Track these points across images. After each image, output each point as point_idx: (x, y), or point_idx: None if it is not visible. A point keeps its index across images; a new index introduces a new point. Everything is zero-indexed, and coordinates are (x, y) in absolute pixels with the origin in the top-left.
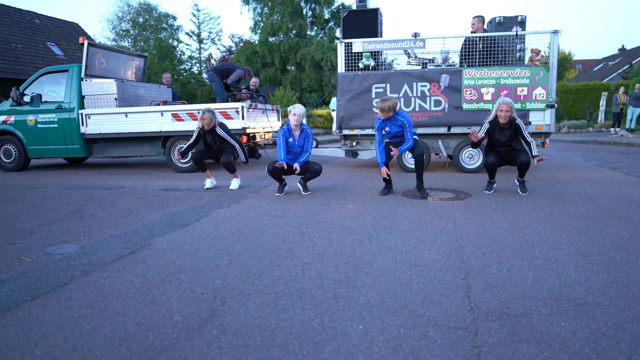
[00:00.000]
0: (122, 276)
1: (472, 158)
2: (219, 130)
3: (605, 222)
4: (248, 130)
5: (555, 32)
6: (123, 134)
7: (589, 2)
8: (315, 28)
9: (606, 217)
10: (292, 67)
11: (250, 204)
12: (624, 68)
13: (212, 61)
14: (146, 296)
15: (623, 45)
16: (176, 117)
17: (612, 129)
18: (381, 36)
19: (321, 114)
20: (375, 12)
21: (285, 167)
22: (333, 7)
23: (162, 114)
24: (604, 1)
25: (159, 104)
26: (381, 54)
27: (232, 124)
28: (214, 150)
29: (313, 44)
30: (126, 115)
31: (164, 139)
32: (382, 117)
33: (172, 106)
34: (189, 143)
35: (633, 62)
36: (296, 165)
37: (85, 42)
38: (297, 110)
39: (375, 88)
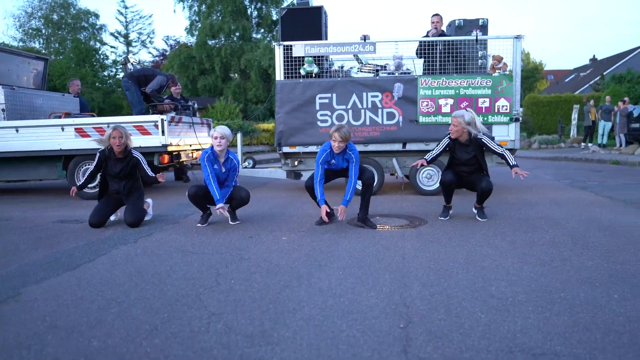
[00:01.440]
0: None
1: (430, 178)
2: (136, 154)
3: (571, 251)
4: (170, 148)
5: (518, 37)
6: (13, 153)
7: (559, 10)
8: (262, 30)
9: (572, 244)
10: (236, 75)
11: (162, 238)
12: (596, 79)
13: (129, 66)
14: None
15: (594, 56)
16: (81, 132)
17: (583, 144)
18: (326, 39)
19: (267, 128)
20: (318, 11)
21: (224, 210)
22: (282, 7)
23: (62, 129)
24: (574, 10)
25: (60, 117)
26: (326, 59)
27: (150, 141)
28: (117, 195)
29: (259, 49)
30: (17, 130)
31: (66, 159)
32: (338, 148)
33: (75, 119)
34: (87, 175)
35: (604, 73)
36: (220, 206)
37: None
38: (218, 132)
39: (320, 98)
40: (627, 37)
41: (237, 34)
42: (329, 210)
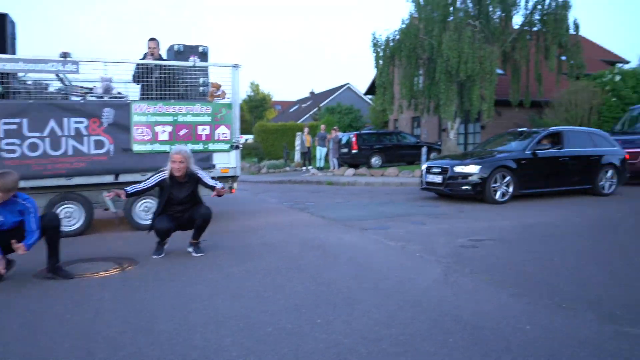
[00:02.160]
0: None
1: (149, 212)
2: None
3: (284, 277)
4: None
5: (236, 66)
6: None
7: (285, 45)
8: None
9: (286, 269)
10: None
11: None
12: (314, 110)
13: None
14: None
15: (312, 90)
16: None
17: (303, 168)
18: (14, 53)
19: None
20: (2, 20)
21: None
22: None
23: None
24: (299, 46)
25: None
26: (15, 78)
27: None
28: None
29: None
30: None
31: None
32: None
33: None
34: None
35: (321, 105)
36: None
37: None
38: None
39: (5, 124)
40: (339, 74)
41: None
42: (3, 267)
